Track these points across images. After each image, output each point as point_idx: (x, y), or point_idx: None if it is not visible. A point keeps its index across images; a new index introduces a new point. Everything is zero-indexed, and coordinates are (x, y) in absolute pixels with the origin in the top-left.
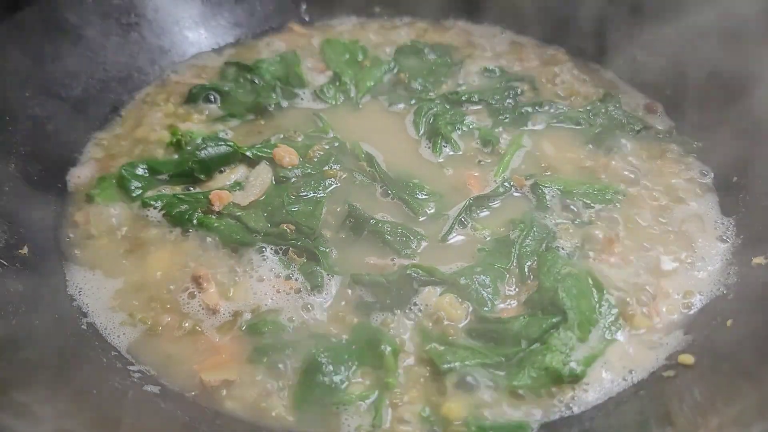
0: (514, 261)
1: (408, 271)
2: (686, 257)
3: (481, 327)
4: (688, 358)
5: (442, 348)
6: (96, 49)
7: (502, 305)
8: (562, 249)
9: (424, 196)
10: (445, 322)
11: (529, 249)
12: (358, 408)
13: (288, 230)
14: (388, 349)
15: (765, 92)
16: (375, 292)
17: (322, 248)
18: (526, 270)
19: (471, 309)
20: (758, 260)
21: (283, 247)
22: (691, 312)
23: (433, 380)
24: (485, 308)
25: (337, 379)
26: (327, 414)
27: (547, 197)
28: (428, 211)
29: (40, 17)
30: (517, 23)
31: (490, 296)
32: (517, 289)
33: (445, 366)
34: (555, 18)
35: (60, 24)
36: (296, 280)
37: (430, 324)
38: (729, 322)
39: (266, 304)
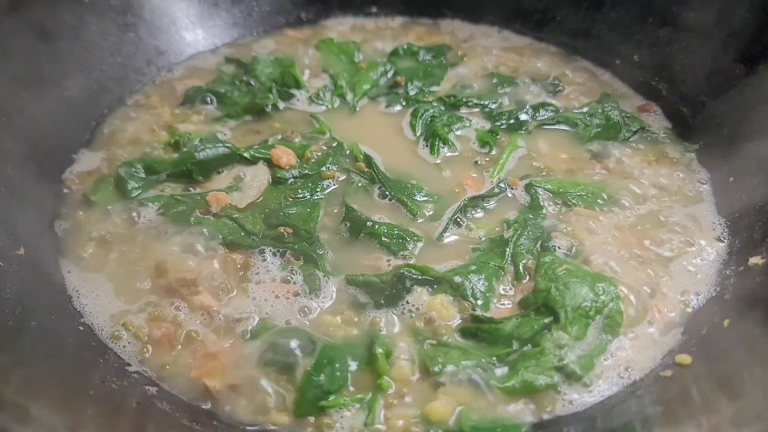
0: (509, 259)
1: (401, 271)
2: (683, 257)
3: (473, 327)
4: (685, 358)
5: (434, 348)
6: (93, 50)
7: (497, 305)
8: (558, 248)
9: (423, 198)
10: (437, 323)
11: (523, 248)
12: (352, 409)
13: (285, 233)
14: (381, 350)
15: (759, 92)
16: (369, 292)
17: (319, 251)
18: (521, 269)
19: (463, 308)
20: (755, 260)
21: (281, 250)
22: (688, 312)
23: (425, 381)
24: (479, 306)
25: (331, 380)
26: (322, 415)
27: (541, 197)
28: (426, 213)
29: (37, 17)
30: (513, 23)
31: (483, 294)
32: (513, 289)
33: (437, 368)
34: (552, 18)
35: (57, 24)
36: (294, 283)
37: (422, 324)
38: (726, 322)
39: (264, 308)
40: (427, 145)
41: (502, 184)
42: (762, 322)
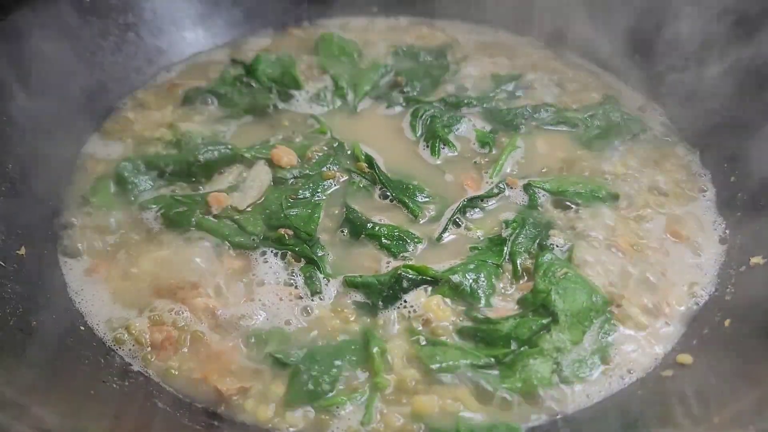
0: (506, 257)
1: (399, 272)
2: (684, 257)
3: (471, 327)
4: (686, 358)
5: (432, 348)
6: (93, 50)
7: (495, 304)
8: (556, 246)
9: (424, 199)
10: (434, 323)
11: (521, 247)
12: (348, 408)
13: (285, 235)
14: (377, 349)
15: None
16: (367, 293)
17: (319, 253)
18: (518, 267)
19: (460, 309)
20: (756, 260)
21: (282, 251)
22: (689, 311)
23: (423, 380)
24: (477, 305)
25: (328, 380)
26: (318, 414)
27: (540, 197)
28: (428, 214)
29: (37, 17)
30: (514, 24)
31: (482, 292)
32: (511, 288)
33: (435, 366)
34: (552, 19)
35: (58, 24)
36: (294, 284)
37: (420, 325)
38: (727, 322)
39: (264, 309)
40: (427, 146)
41: (501, 184)
42: (763, 322)
